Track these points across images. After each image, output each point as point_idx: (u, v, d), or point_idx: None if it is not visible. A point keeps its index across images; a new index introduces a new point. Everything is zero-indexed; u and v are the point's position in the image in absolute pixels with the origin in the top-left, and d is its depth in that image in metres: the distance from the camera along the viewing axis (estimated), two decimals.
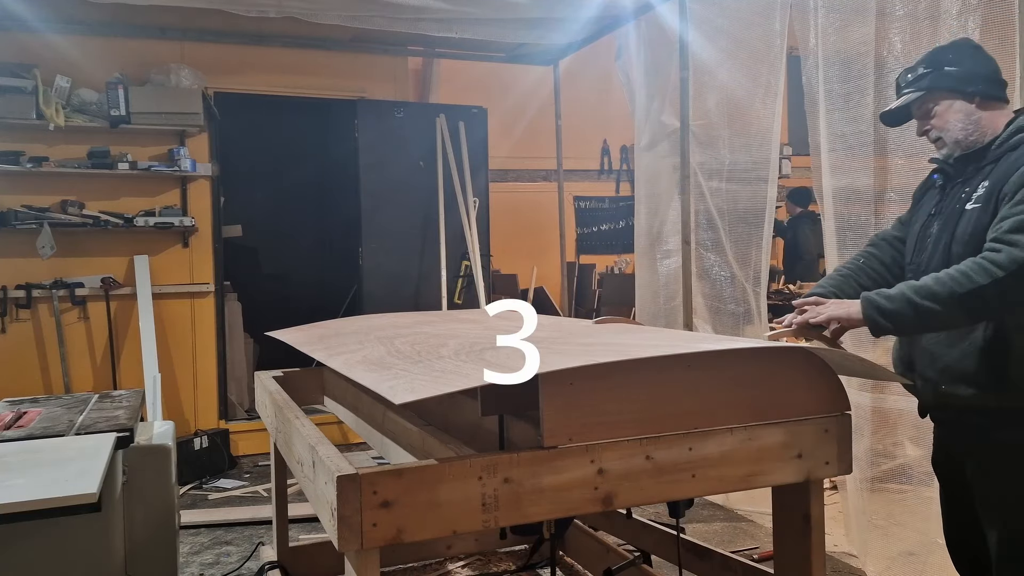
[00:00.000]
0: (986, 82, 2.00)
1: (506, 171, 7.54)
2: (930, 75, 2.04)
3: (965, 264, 1.77)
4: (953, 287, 1.75)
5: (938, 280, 1.78)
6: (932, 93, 2.03)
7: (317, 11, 4.73)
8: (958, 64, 2.01)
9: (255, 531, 4.00)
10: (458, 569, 3.42)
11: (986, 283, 1.72)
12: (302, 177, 7.53)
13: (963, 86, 1.99)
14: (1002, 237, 1.75)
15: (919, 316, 1.80)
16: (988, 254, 1.75)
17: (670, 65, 4.63)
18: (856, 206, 3.44)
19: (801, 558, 1.89)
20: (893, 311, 1.82)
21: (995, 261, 1.72)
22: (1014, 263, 1.70)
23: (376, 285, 5.90)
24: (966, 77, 2.00)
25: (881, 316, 1.84)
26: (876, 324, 1.86)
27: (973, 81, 1.99)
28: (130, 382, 5.13)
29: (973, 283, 1.73)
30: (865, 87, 3.31)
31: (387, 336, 2.37)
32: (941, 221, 2.02)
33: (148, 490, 2.50)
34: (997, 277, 1.71)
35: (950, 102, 2.01)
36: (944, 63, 2.03)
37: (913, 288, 1.81)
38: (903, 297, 1.81)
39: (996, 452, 1.93)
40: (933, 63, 2.05)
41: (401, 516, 1.47)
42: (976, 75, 2.00)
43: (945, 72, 2.01)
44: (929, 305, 1.77)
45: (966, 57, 2.03)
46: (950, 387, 1.96)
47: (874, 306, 1.85)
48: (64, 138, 5.05)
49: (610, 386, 1.61)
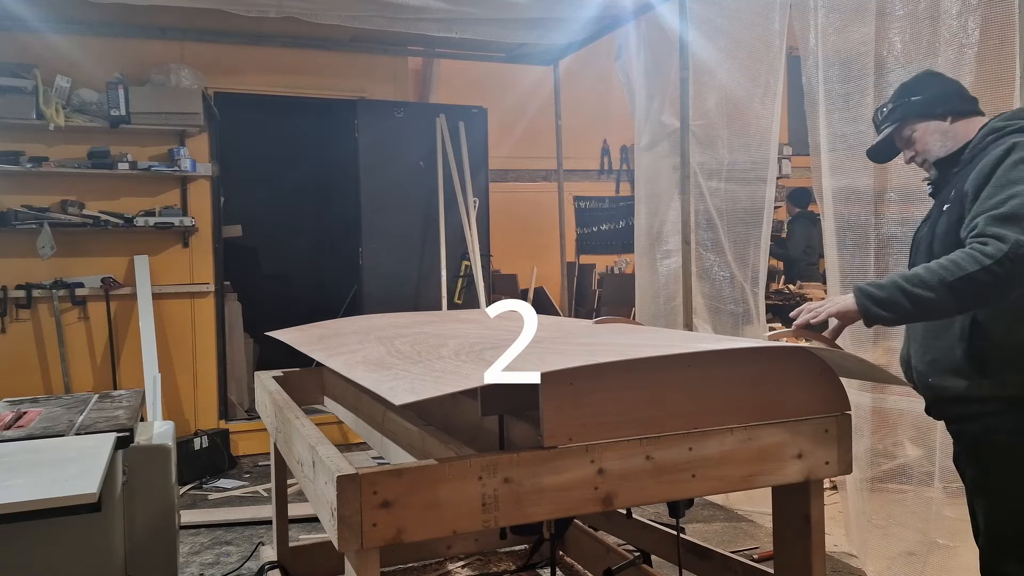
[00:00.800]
0: (955, 99, 2.15)
1: (506, 171, 7.54)
2: (900, 107, 2.20)
3: (954, 254, 1.83)
4: (943, 274, 1.80)
5: (928, 269, 1.84)
6: (906, 121, 2.19)
7: (317, 11, 4.73)
8: (922, 92, 2.18)
9: (255, 531, 4.00)
10: (458, 569, 3.42)
11: (974, 270, 1.76)
12: (302, 177, 7.53)
13: (932, 108, 2.14)
14: (986, 231, 1.80)
15: (910, 302, 1.84)
16: (976, 246, 1.80)
17: (670, 65, 4.63)
18: (856, 206, 3.44)
19: (801, 558, 1.90)
20: (884, 299, 1.87)
21: (983, 251, 1.77)
22: (1000, 252, 1.75)
23: (376, 285, 5.90)
24: (933, 100, 2.15)
25: (873, 304, 1.88)
26: (868, 312, 1.90)
27: (940, 102, 2.14)
28: (130, 382, 5.14)
29: (962, 270, 1.78)
30: (865, 87, 3.31)
31: (387, 336, 2.37)
32: (928, 225, 2.12)
33: (148, 490, 2.50)
34: (985, 265, 1.75)
35: (924, 125, 2.15)
36: (910, 93, 2.19)
37: (904, 276, 1.87)
38: (894, 285, 1.86)
39: (981, 440, 1.99)
40: (899, 96, 2.22)
41: (401, 516, 1.47)
42: (941, 96, 2.15)
43: (912, 101, 2.18)
44: (919, 292, 1.82)
45: (928, 85, 2.20)
46: (936, 379, 2.03)
47: (866, 295, 1.90)
48: (64, 138, 5.05)
49: (610, 386, 1.61)
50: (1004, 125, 2.00)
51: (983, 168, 1.91)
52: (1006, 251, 1.73)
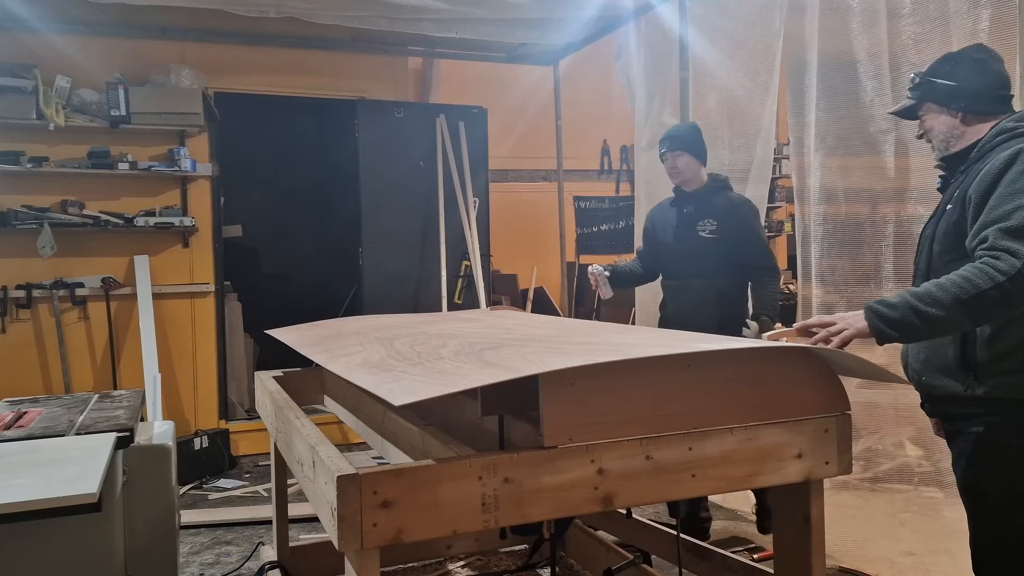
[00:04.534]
0: (974, 99, 2.04)
1: (506, 171, 7.53)
2: (923, 85, 2.12)
3: (966, 270, 1.79)
4: (956, 292, 1.77)
5: (940, 286, 1.80)
6: (921, 102, 2.13)
7: (317, 11, 4.73)
8: (951, 78, 2.07)
9: (255, 531, 4.00)
10: (458, 569, 3.42)
11: (988, 287, 1.74)
12: (302, 177, 7.53)
13: (948, 102, 2.07)
14: (998, 244, 1.77)
15: (924, 322, 1.81)
16: (989, 260, 1.77)
17: (670, 65, 4.64)
18: (843, 206, 3.47)
19: (801, 558, 1.89)
20: (897, 319, 1.84)
21: (996, 267, 1.75)
22: (1014, 269, 1.72)
23: (376, 285, 5.90)
24: (954, 93, 2.06)
25: (886, 325, 1.85)
26: (881, 333, 1.87)
27: (960, 98, 2.05)
28: (130, 382, 5.14)
29: (976, 287, 1.75)
30: (862, 88, 3.32)
31: (387, 337, 2.37)
32: (932, 223, 2.10)
33: (148, 490, 2.50)
34: (999, 281, 1.73)
35: (936, 114, 2.10)
36: (939, 75, 2.09)
37: (915, 295, 1.83)
38: (906, 304, 1.83)
39: (971, 441, 1.99)
40: (930, 72, 2.12)
41: (401, 516, 1.47)
42: (964, 92, 2.05)
43: (936, 84, 2.09)
44: (932, 311, 1.79)
45: (963, 70, 2.07)
46: (929, 378, 2.04)
47: (878, 315, 1.86)
48: (64, 138, 5.05)
49: (610, 386, 1.61)
50: (1015, 126, 1.96)
51: (987, 174, 1.88)
52: (1020, 267, 1.72)
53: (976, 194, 1.89)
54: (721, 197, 3.45)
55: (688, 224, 3.44)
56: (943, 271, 1.89)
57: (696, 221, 3.42)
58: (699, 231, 3.40)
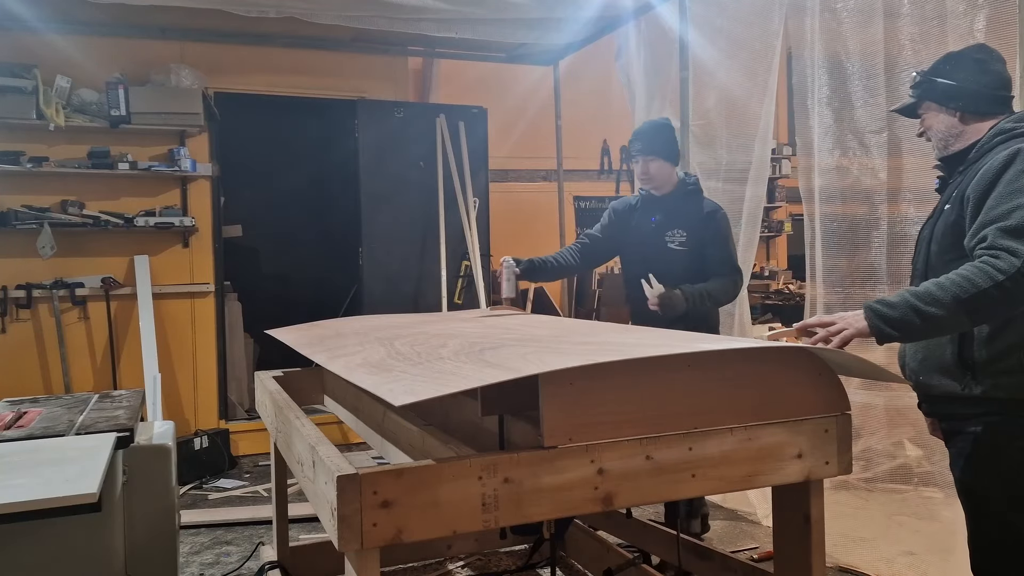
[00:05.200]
0: (973, 98, 2.05)
1: (506, 171, 7.53)
2: (924, 84, 2.12)
3: (965, 269, 1.79)
4: (956, 291, 1.77)
5: (939, 286, 1.80)
6: (921, 101, 2.14)
7: (317, 11, 4.73)
8: (951, 77, 2.07)
9: (255, 531, 4.00)
10: (458, 569, 3.42)
11: (988, 286, 1.74)
12: (302, 177, 7.53)
13: (947, 101, 2.07)
14: (997, 244, 1.77)
15: (924, 322, 1.81)
16: (988, 259, 1.77)
17: (670, 65, 4.63)
18: (845, 206, 3.47)
19: (801, 558, 1.90)
20: (897, 319, 1.83)
21: (996, 266, 1.75)
22: (1014, 268, 1.73)
23: (376, 285, 5.90)
24: (953, 93, 2.06)
25: (886, 324, 1.85)
26: (881, 333, 1.87)
27: (959, 97, 2.06)
28: (130, 382, 5.14)
29: (976, 287, 1.75)
30: (860, 88, 3.32)
31: (387, 337, 2.37)
32: (931, 223, 2.10)
33: (148, 490, 2.50)
34: (998, 280, 1.73)
35: (936, 113, 2.10)
36: (940, 74, 2.10)
37: (915, 294, 1.83)
38: (906, 304, 1.83)
39: (968, 441, 1.99)
40: (931, 71, 2.12)
41: (401, 516, 1.48)
42: (963, 91, 2.05)
43: (936, 83, 2.09)
44: (932, 311, 1.79)
45: (963, 70, 2.07)
46: (926, 377, 2.04)
47: (877, 315, 1.86)
48: (64, 138, 5.05)
49: (610, 386, 1.61)
50: (1014, 127, 1.97)
51: (985, 174, 1.89)
52: (1019, 266, 1.72)
53: (975, 194, 1.89)
54: (693, 204, 3.30)
55: (656, 234, 3.29)
56: (941, 271, 1.88)
57: (665, 231, 3.27)
58: (668, 242, 3.26)
